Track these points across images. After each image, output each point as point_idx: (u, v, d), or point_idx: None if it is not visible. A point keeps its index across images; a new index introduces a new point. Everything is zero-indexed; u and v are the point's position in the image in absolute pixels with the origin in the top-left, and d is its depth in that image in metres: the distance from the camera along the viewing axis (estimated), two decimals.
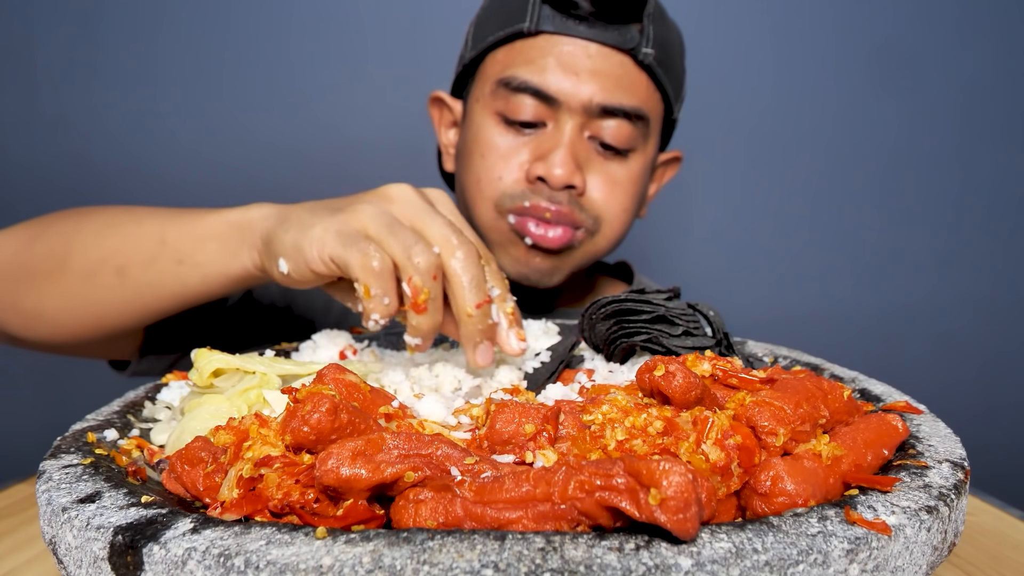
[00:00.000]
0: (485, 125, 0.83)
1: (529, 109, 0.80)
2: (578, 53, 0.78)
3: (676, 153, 0.96)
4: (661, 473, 0.27)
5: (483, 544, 0.27)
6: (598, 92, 0.78)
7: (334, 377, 0.40)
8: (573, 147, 0.80)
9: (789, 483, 0.32)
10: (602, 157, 0.82)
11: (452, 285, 0.50)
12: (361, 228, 0.50)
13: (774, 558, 0.27)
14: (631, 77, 0.80)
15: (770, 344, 0.62)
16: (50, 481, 0.36)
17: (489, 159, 0.83)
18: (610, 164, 0.82)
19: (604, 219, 0.84)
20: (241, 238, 0.59)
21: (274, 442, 0.34)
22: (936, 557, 0.32)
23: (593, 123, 0.80)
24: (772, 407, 0.36)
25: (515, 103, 0.80)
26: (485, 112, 0.84)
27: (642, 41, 0.79)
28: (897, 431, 0.39)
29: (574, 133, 0.80)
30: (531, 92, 0.79)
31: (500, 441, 0.35)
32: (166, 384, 0.53)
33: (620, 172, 0.83)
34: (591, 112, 0.79)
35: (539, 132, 0.81)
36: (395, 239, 0.49)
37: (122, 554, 0.30)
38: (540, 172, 0.79)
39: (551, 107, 0.80)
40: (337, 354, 0.58)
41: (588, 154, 0.82)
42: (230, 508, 0.32)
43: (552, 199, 0.80)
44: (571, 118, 0.79)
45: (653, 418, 0.35)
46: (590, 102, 0.78)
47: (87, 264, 0.64)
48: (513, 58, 0.81)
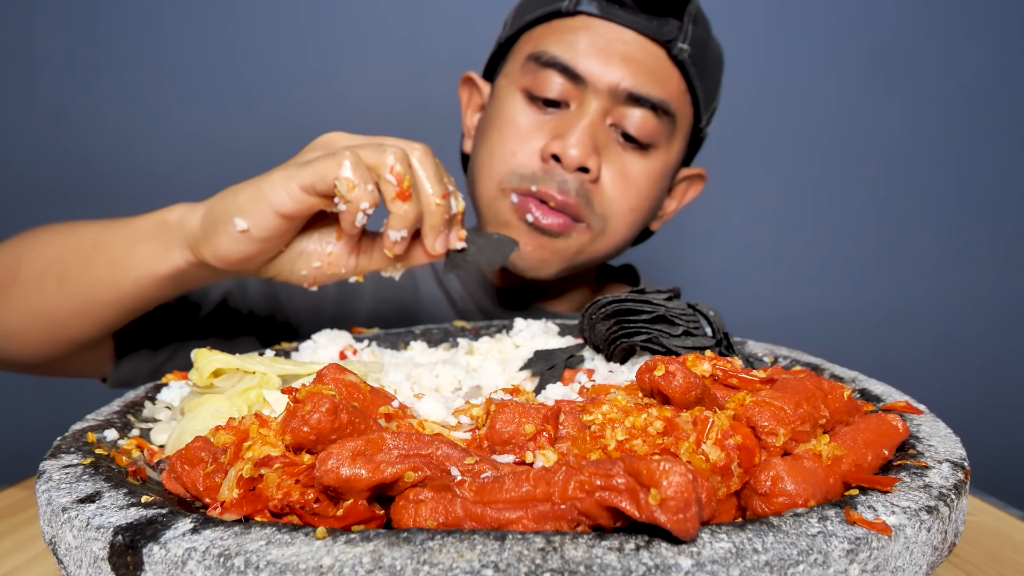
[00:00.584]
0: (509, 99, 0.82)
1: (555, 86, 0.78)
2: (612, 37, 0.77)
3: (700, 170, 0.93)
4: (661, 473, 0.27)
5: (483, 544, 0.27)
6: (627, 77, 0.77)
7: (334, 377, 0.40)
8: (593, 129, 0.78)
9: (789, 483, 0.32)
10: (621, 148, 0.80)
11: (418, 180, 0.57)
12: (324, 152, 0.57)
13: (774, 558, 0.27)
14: (663, 70, 0.79)
15: (770, 344, 0.62)
16: (50, 481, 0.36)
17: (506, 133, 0.81)
18: (628, 156, 0.80)
19: (610, 217, 0.81)
20: (169, 236, 0.60)
21: (274, 442, 0.34)
22: (936, 557, 0.32)
23: (618, 110, 0.78)
24: (772, 407, 0.36)
25: (542, 78, 0.79)
26: (512, 87, 0.82)
27: (679, 36, 0.78)
28: (897, 431, 0.39)
29: (597, 116, 0.78)
30: (559, 68, 0.78)
31: (500, 441, 0.35)
32: (166, 384, 0.53)
33: (637, 167, 0.80)
34: (617, 97, 0.77)
35: (562, 113, 0.80)
36: (361, 149, 0.55)
37: (122, 554, 0.30)
38: (555, 150, 0.77)
39: (577, 86, 0.78)
40: (337, 354, 0.58)
41: (608, 141, 0.79)
42: (230, 508, 0.32)
43: (562, 187, 0.78)
44: (596, 100, 0.78)
45: (653, 418, 0.35)
46: (617, 86, 0.77)
47: (32, 274, 0.65)
48: (547, 35, 0.80)
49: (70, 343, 0.68)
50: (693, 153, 0.90)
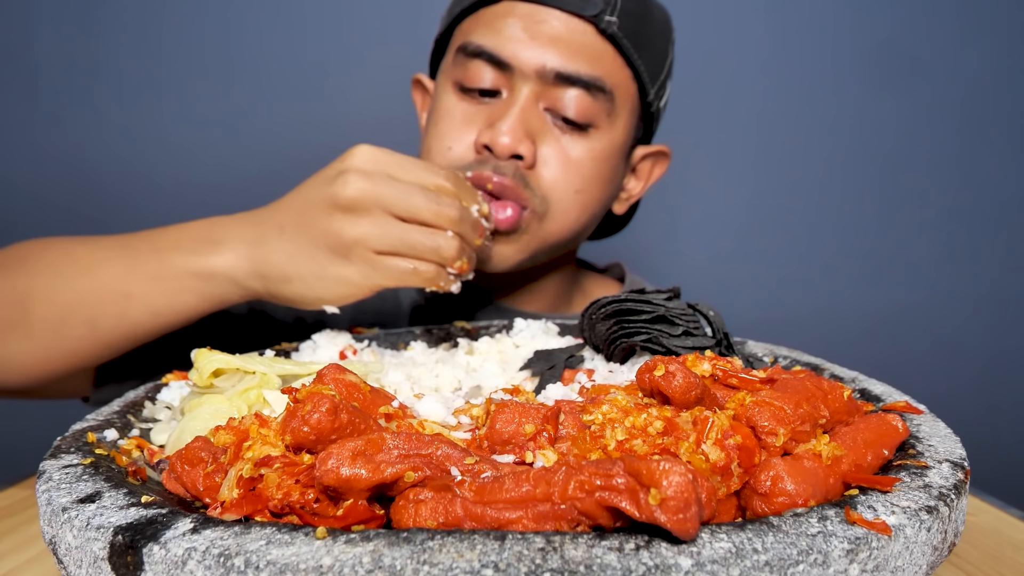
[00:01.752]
0: (444, 94, 0.80)
1: (484, 75, 0.76)
2: (538, 19, 0.75)
3: (661, 147, 0.90)
4: (661, 473, 0.27)
5: (483, 544, 0.27)
6: (553, 58, 0.74)
7: (334, 377, 0.40)
8: (525, 115, 0.75)
9: (789, 483, 0.32)
10: (559, 131, 0.77)
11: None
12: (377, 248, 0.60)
13: (774, 558, 0.27)
14: (593, 46, 0.76)
15: (770, 344, 0.62)
16: (50, 481, 0.36)
17: (441, 128, 0.79)
18: (566, 139, 0.77)
19: (553, 199, 0.77)
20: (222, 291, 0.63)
21: (274, 442, 0.34)
22: (936, 557, 0.32)
23: (549, 92, 0.76)
24: (772, 407, 0.36)
25: (471, 70, 0.77)
26: (446, 83, 0.80)
27: (606, 10, 0.75)
28: (897, 431, 0.39)
29: (527, 102, 0.75)
30: (486, 57, 0.76)
31: (500, 441, 0.35)
32: (166, 384, 0.53)
33: (576, 149, 0.77)
34: (546, 79, 0.75)
35: (494, 102, 0.77)
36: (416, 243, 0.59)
37: (122, 554, 0.30)
38: (486, 139, 0.74)
39: (506, 73, 0.76)
40: (337, 354, 0.58)
41: (542, 126, 0.76)
42: (230, 508, 0.32)
43: (497, 170, 0.74)
44: (525, 85, 0.75)
45: (653, 418, 0.35)
46: (543, 67, 0.74)
47: (52, 316, 0.64)
48: (474, 25, 0.78)
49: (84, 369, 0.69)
50: (650, 129, 0.87)
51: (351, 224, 0.59)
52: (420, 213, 0.60)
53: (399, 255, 0.60)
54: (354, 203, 0.59)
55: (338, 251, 0.59)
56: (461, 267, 0.62)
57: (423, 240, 0.59)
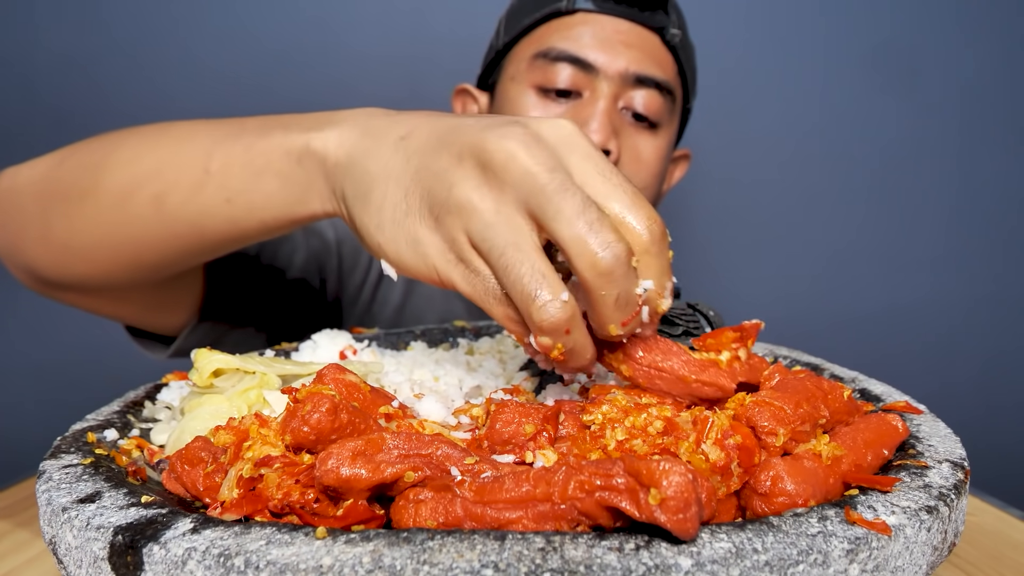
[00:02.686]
0: (521, 96, 0.86)
1: (567, 77, 0.83)
2: (612, 28, 0.83)
3: (685, 151, 0.99)
4: (661, 473, 0.27)
5: (483, 544, 0.27)
6: (633, 62, 0.82)
7: (334, 377, 0.40)
8: (609, 113, 0.82)
9: (789, 483, 0.32)
10: (633, 128, 0.85)
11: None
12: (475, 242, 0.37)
13: (774, 558, 0.27)
14: (660, 53, 0.85)
15: (770, 344, 0.62)
16: (50, 481, 0.36)
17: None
18: (640, 136, 0.85)
19: None
20: (308, 182, 0.47)
21: (274, 442, 0.34)
22: (936, 557, 0.32)
23: (627, 93, 0.83)
24: (772, 407, 0.36)
25: (553, 72, 0.83)
26: (522, 87, 0.86)
27: (669, 24, 0.85)
28: (897, 431, 0.39)
29: (610, 101, 0.82)
30: (569, 60, 0.82)
31: (500, 441, 0.35)
32: (166, 384, 0.53)
33: (647, 145, 0.85)
34: (627, 80, 0.83)
35: (575, 102, 0.84)
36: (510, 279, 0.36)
37: (122, 554, 0.30)
38: None
39: (588, 75, 0.83)
40: (337, 354, 0.58)
41: (621, 123, 0.84)
42: (230, 508, 0.32)
43: None
44: (607, 86, 0.82)
45: (653, 418, 0.35)
46: (626, 70, 0.82)
47: (120, 186, 0.55)
48: (550, 34, 0.85)
49: (152, 270, 0.59)
50: (682, 131, 0.96)
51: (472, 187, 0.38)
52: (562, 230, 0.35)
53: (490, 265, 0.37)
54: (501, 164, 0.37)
55: (433, 208, 0.39)
56: (549, 351, 0.36)
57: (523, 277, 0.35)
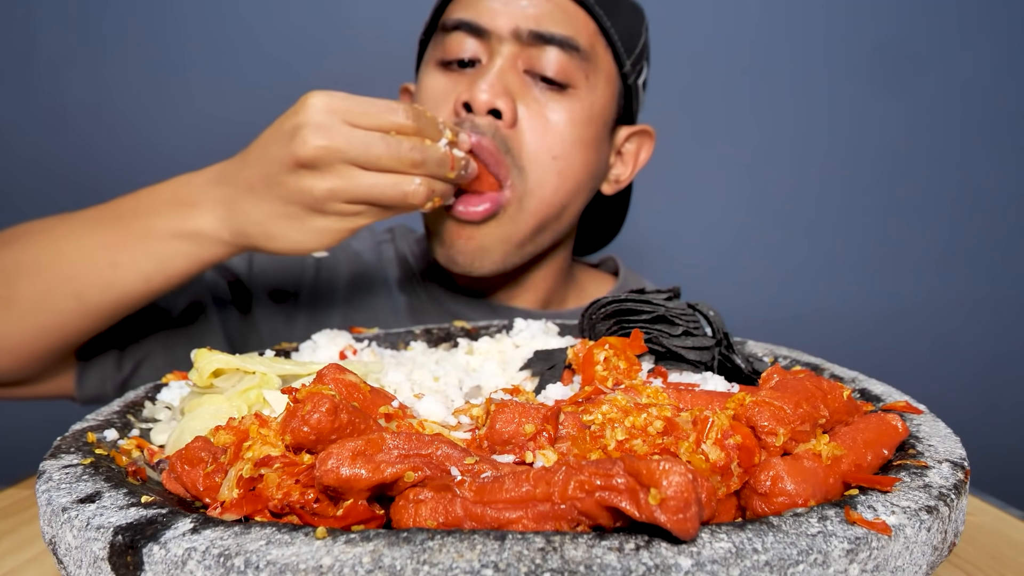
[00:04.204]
0: (427, 76, 0.82)
1: (464, 46, 0.78)
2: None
3: (645, 127, 0.90)
4: (661, 473, 0.27)
5: (483, 544, 0.27)
6: (529, 18, 0.76)
7: (334, 377, 0.40)
8: (503, 75, 0.76)
9: (789, 483, 0.32)
10: (538, 92, 0.78)
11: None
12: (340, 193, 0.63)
13: (774, 558, 0.27)
14: (565, 9, 0.78)
15: (770, 344, 0.62)
16: (50, 481, 0.36)
17: (424, 102, 0.81)
18: (546, 100, 0.78)
19: (532, 166, 0.77)
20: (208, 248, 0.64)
21: (274, 442, 0.34)
22: (936, 557, 0.32)
23: (527, 52, 0.77)
24: (772, 407, 0.36)
25: (450, 43, 0.79)
26: (428, 66, 0.82)
27: None
28: (897, 431, 0.39)
29: (506, 63, 0.77)
30: (464, 28, 0.78)
31: (500, 441, 0.35)
32: (166, 384, 0.53)
33: (556, 110, 0.78)
34: (522, 39, 0.76)
35: (475, 70, 0.79)
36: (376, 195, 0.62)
37: (122, 554, 0.30)
38: (465, 97, 0.75)
39: (484, 40, 0.78)
40: (337, 354, 0.58)
41: (522, 86, 0.77)
42: (230, 508, 0.32)
43: (475, 129, 0.74)
44: (503, 46, 0.77)
45: (653, 418, 0.35)
46: (518, 28, 0.76)
47: (39, 291, 0.64)
48: (454, 8, 0.80)
49: (68, 347, 0.69)
50: (631, 108, 0.88)
51: (318, 180, 0.61)
52: (382, 162, 0.61)
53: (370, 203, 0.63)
54: (315, 160, 0.60)
55: (311, 206, 0.62)
56: (434, 204, 0.65)
57: (389, 190, 0.61)
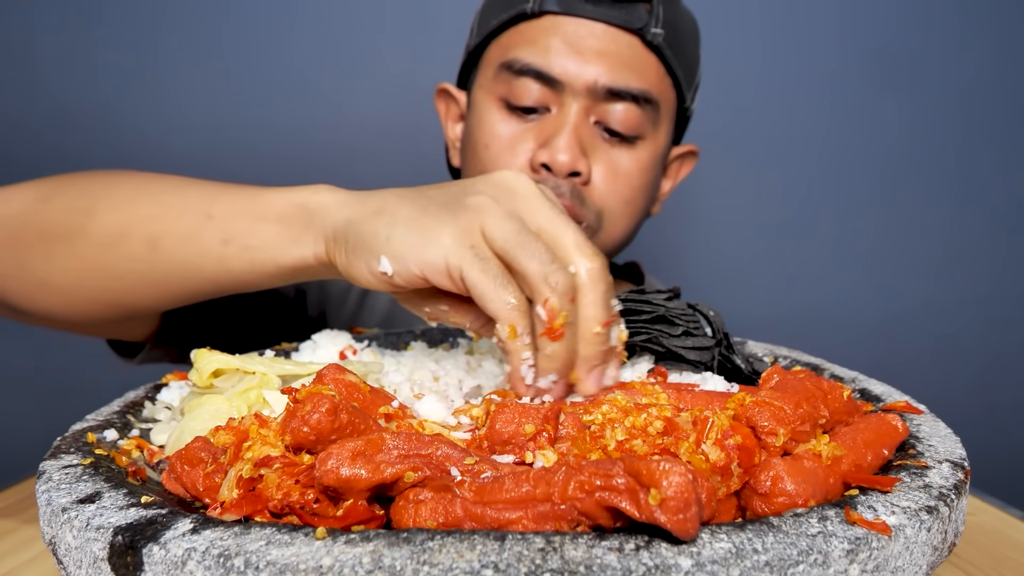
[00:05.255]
0: (488, 112, 0.80)
1: (533, 93, 0.77)
2: (583, 33, 0.75)
3: (691, 147, 0.91)
4: (661, 473, 0.27)
5: (483, 544, 0.27)
6: (604, 73, 0.75)
7: (334, 377, 0.40)
8: (578, 131, 0.76)
9: (789, 483, 0.32)
10: (608, 144, 0.78)
11: (581, 299, 0.42)
12: (489, 237, 0.42)
13: (774, 558, 0.27)
14: (639, 58, 0.76)
15: (770, 344, 0.62)
16: (50, 481, 0.36)
17: (493, 149, 0.79)
18: (615, 151, 0.78)
19: (606, 212, 0.79)
20: (308, 223, 0.50)
21: (274, 442, 0.34)
22: (936, 557, 0.32)
23: (599, 107, 0.77)
24: (772, 407, 0.36)
25: (518, 87, 0.77)
26: (488, 99, 0.80)
27: (651, 21, 0.76)
28: (897, 431, 0.39)
29: (579, 117, 0.76)
30: (534, 75, 0.76)
31: (500, 441, 0.35)
32: (166, 384, 0.53)
33: (626, 160, 0.79)
34: (597, 95, 0.76)
35: (543, 117, 0.78)
36: (530, 255, 0.41)
37: (122, 554, 0.30)
38: (544, 159, 0.76)
39: (555, 90, 0.76)
40: (337, 354, 0.58)
41: (594, 139, 0.78)
42: (230, 508, 0.32)
43: (556, 190, 0.76)
44: (576, 101, 0.76)
45: (653, 418, 0.35)
46: (595, 84, 0.75)
47: (112, 229, 0.55)
48: (516, 41, 0.78)
49: (128, 311, 0.59)
50: (681, 131, 0.89)
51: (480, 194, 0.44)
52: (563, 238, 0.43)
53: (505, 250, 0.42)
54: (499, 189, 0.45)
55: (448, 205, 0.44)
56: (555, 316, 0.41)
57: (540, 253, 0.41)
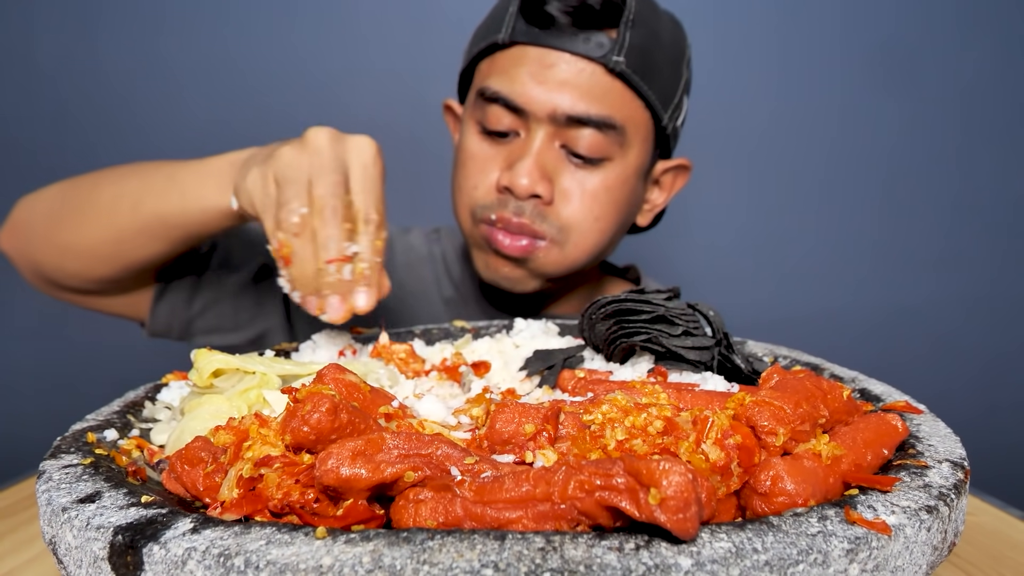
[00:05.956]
0: (468, 134, 0.85)
1: (502, 119, 0.81)
2: (548, 63, 0.79)
3: (682, 161, 0.94)
4: (661, 473, 0.27)
5: (483, 544, 0.27)
6: (565, 100, 0.78)
7: (334, 377, 0.40)
8: (541, 157, 0.80)
9: (789, 483, 0.32)
10: (574, 166, 0.82)
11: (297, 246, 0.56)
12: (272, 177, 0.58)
13: (774, 558, 0.27)
14: (602, 86, 0.79)
15: (770, 344, 0.62)
16: (50, 481, 0.36)
17: (468, 167, 0.85)
18: (581, 173, 0.82)
19: (572, 228, 0.83)
20: (232, 176, 0.66)
21: (274, 442, 0.34)
22: (936, 557, 0.32)
23: (563, 132, 0.80)
24: (772, 407, 0.36)
25: (490, 113, 0.82)
26: (470, 121, 0.86)
27: (613, 49, 0.78)
28: (897, 431, 0.39)
29: (543, 143, 0.80)
30: (502, 103, 0.80)
31: (500, 441, 0.35)
32: (166, 384, 0.53)
33: (592, 181, 0.82)
34: (559, 122, 0.79)
35: (512, 141, 0.82)
36: (281, 197, 0.57)
37: (122, 554, 0.30)
38: (505, 182, 0.81)
39: (521, 117, 0.81)
40: (336, 354, 0.58)
41: (558, 163, 0.81)
42: (230, 508, 0.32)
43: (517, 211, 0.81)
44: (540, 127, 0.80)
45: (653, 418, 0.35)
46: (555, 111, 0.79)
47: (109, 199, 0.75)
48: (490, 69, 0.83)
49: (130, 263, 0.77)
50: (667, 147, 0.90)
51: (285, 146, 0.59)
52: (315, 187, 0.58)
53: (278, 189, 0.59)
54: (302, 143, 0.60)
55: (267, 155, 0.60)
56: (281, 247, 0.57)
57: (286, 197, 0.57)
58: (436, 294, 1.00)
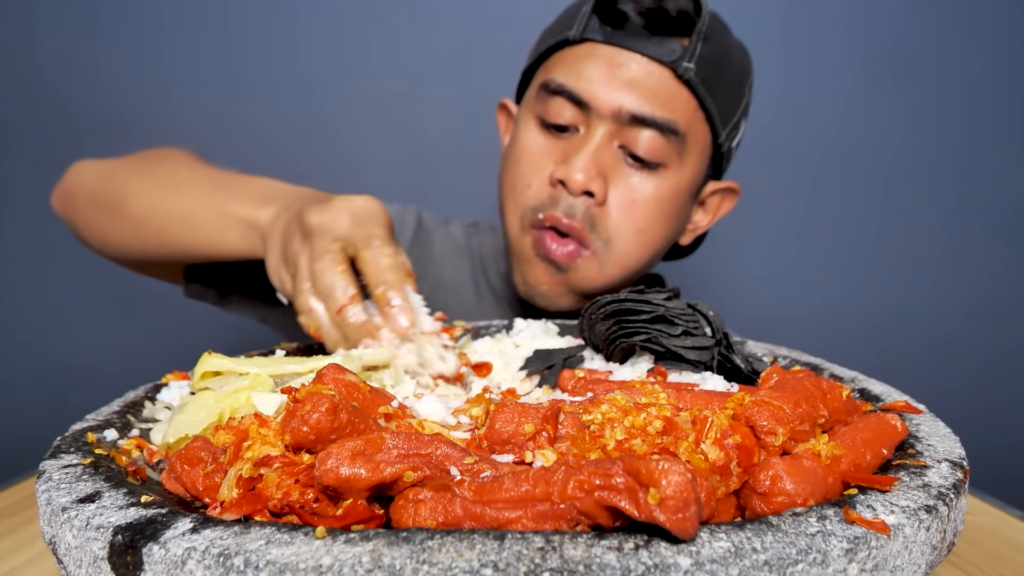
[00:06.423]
0: (525, 128, 0.85)
1: (564, 112, 0.81)
2: (618, 61, 0.79)
3: (731, 184, 0.93)
4: (660, 473, 0.27)
5: (483, 544, 0.27)
6: (630, 100, 0.78)
7: (334, 377, 0.40)
8: (599, 153, 0.79)
9: (788, 482, 0.32)
10: (630, 168, 0.81)
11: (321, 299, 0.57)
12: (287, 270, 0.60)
13: (773, 557, 0.27)
14: (668, 90, 0.79)
15: (770, 344, 0.62)
16: (50, 481, 0.36)
17: (523, 163, 0.84)
18: (636, 176, 0.81)
19: (615, 239, 0.82)
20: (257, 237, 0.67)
21: (274, 442, 0.34)
22: (935, 556, 0.32)
23: (624, 132, 0.80)
24: (771, 407, 0.36)
25: (552, 106, 0.81)
26: (528, 115, 0.85)
27: (684, 56, 0.79)
28: (896, 431, 0.39)
29: (602, 140, 0.80)
30: (565, 95, 0.80)
31: (500, 441, 0.35)
32: (166, 384, 0.53)
33: (645, 186, 0.81)
34: (621, 120, 0.79)
35: (571, 137, 0.82)
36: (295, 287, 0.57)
37: (122, 554, 0.30)
38: (560, 175, 0.80)
39: (584, 112, 0.80)
40: None
41: (615, 163, 0.81)
42: (230, 508, 0.32)
43: (568, 211, 0.80)
44: (601, 124, 0.79)
45: (652, 418, 0.35)
46: (620, 109, 0.78)
47: (137, 215, 0.77)
48: (556, 63, 0.83)
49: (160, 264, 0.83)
50: (720, 167, 0.90)
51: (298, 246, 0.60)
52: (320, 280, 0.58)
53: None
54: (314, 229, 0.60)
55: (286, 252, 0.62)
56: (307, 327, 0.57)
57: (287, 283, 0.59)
58: (470, 288, 0.99)
